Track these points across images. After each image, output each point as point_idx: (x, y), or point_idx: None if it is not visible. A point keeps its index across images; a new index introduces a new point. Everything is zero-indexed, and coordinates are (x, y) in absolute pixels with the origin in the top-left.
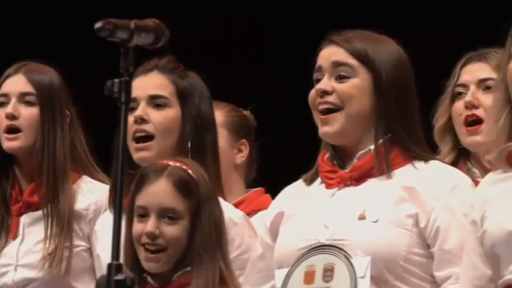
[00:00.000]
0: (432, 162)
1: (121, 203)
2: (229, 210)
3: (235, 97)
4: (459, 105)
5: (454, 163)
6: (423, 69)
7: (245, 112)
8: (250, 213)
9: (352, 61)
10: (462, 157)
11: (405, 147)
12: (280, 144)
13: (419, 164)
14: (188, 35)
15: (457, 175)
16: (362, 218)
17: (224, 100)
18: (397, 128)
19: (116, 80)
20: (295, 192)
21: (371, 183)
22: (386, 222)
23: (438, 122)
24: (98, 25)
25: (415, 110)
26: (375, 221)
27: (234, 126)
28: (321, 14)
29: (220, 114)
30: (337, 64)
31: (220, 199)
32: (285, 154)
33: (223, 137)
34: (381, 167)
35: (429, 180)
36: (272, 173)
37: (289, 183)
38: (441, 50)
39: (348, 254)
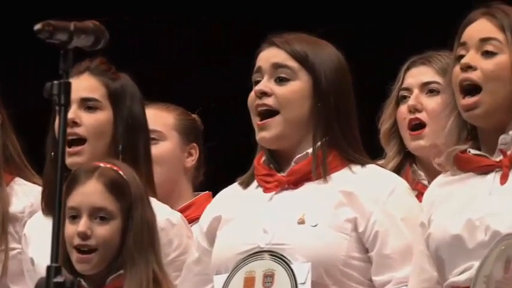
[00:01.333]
0: (369, 166)
1: (60, 205)
2: (166, 212)
3: (233, 97)
4: (403, 109)
5: (400, 166)
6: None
7: (193, 115)
8: (198, 217)
9: (292, 63)
10: (408, 160)
11: (343, 151)
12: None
13: (356, 168)
14: (189, 35)
15: (394, 179)
16: (301, 222)
17: (224, 100)
18: (335, 131)
19: (55, 81)
20: (231, 196)
21: (309, 187)
22: (326, 227)
23: (384, 125)
24: (37, 27)
25: (353, 113)
26: (315, 225)
27: (184, 130)
28: (319, 14)
29: (171, 117)
30: (277, 66)
31: (155, 200)
32: (230, 156)
33: (174, 140)
34: (319, 171)
35: (367, 184)
36: (218, 176)
37: None
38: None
39: (288, 259)
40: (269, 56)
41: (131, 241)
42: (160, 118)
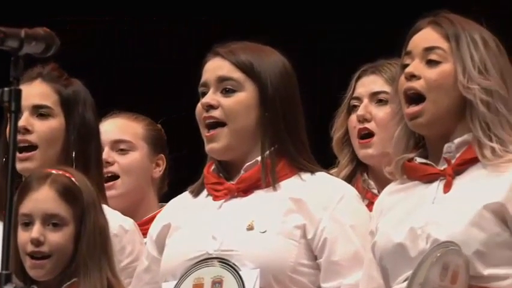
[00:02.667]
0: (318, 173)
1: (11, 212)
2: (119, 218)
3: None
4: (354, 118)
5: (352, 174)
6: None
7: (158, 125)
8: None
9: (237, 74)
10: (360, 168)
11: (292, 159)
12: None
13: (306, 176)
14: (188, 35)
15: (343, 187)
16: (250, 228)
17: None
18: (283, 139)
19: (6, 88)
20: (181, 204)
21: (258, 195)
22: (275, 233)
23: (336, 134)
24: None
25: (301, 120)
26: (263, 232)
27: (153, 140)
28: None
29: (140, 128)
30: (222, 78)
31: (106, 207)
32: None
33: (143, 151)
34: (268, 179)
35: (316, 191)
36: (183, 187)
37: None
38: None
39: (237, 266)
40: (214, 67)
41: (84, 247)
42: (129, 128)
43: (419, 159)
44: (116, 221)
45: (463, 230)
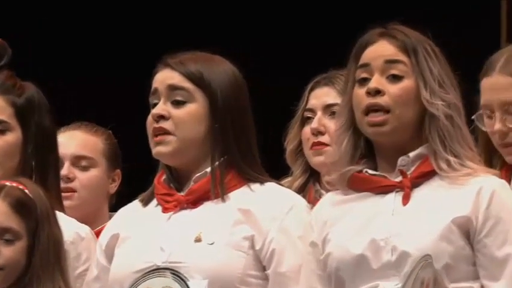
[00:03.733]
0: (268, 184)
1: None
2: (74, 225)
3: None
4: (307, 129)
5: (305, 185)
6: None
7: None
8: None
9: (187, 85)
10: (313, 178)
11: (241, 170)
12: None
13: (255, 186)
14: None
15: (292, 197)
16: (198, 240)
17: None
18: (233, 150)
19: None
20: (131, 214)
21: (207, 206)
22: (222, 245)
23: (289, 145)
24: None
25: (251, 130)
26: (211, 244)
27: (111, 156)
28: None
29: (100, 142)
30: (173, 88)
31: (63, 215)
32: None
33: (102, 168)
34: (217, 190)
35: (265, 202)
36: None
37: None
38: None
39: (185, 276)
40: (164, 78)
41: (38, 261)
42: (91, 143)
43: (370, 171)
44: (72, 228)
45: (432, 243)
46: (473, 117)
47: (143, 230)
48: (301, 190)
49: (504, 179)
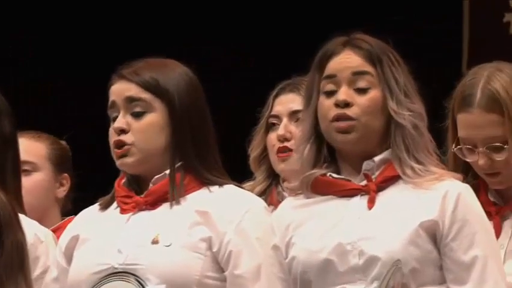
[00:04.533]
0: (226, 186)
1: None
2: (34, 227)
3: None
4: (273, 136)
5: (267, 190)
6: None
7: (62, 142)
8: None
9: (145, 95)
10: (275, 181)
11: (200, 172)
12: None
13: (214, 188)
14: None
15: (250, 199)
16: (155, 242)
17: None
18: (191, 154)
19: None
20: (90, 217)
21: (166, 208)
22: (179, 247)
23: (254, 152)
24: None
25: (210, 132)
26: (168, 245)
27: (57, 160)
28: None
29: (43, 147)
30: (131, 100)
31: (23, 217)
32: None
33: (47, 172)
34: (175, 192)
35: (222, 204)
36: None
37: None
38: None
39: (142, 279)
40: (121, 90)
41: (2, 268)
42: (33, 148)
43: (334, 175)
44: (32, 230)
45: (401, 247)
46: (453, 149)
47: (102, 232)
48: (262, 194)
49: (481, 186)
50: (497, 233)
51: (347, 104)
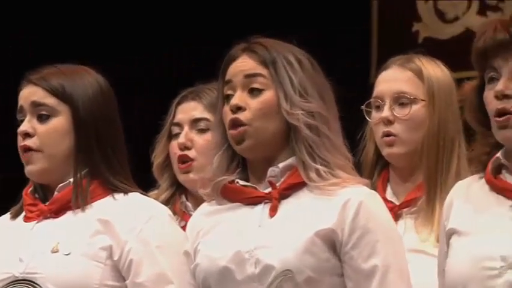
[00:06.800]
0: (131, 194)
1: None
2: None
3: None
4: (174, 144)
5: (172, 197)
6: None
7: None
8: None
9: (50, 100)
10: (179, 190)
11: (105, 180)
12: None
13: (119, 196)
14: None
15: (153, 207)
16: (55, 251)
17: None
18: (97, 161)
19: None
20: (0, 226)
21: (69, 216)
22: (79, 255)
23: (157, 159)
24: None
25: (118, 141)
26: (68, 254)
27: None
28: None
29: None
30: (36, 104)
31: None
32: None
33: None
34: (79, 200)
35: (124, 212)
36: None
37: None
38: None
39: None
40: (28, 94)
41: None
42: None
43: (241, 182)
44: None
45: (295, 256)
46: (362, 106)
47: (8, 240)
48: (167, 203)
49: (380, 187)
50: None
51: (239, 108)
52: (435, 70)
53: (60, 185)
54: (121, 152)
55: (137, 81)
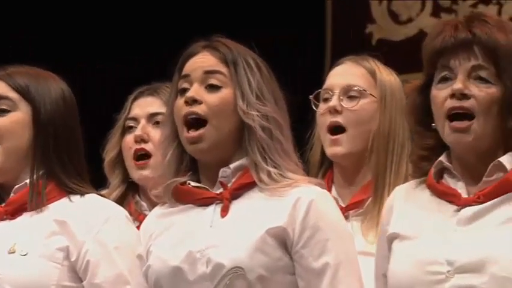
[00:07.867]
0: (88, 196)
1: None
2: None
3: None
4: (129, 138)
5: (124, 196)
6: None
7: None
8: None
9: (12, 94)
10: (131, 190)
11: (61, 182)
12: None
13: (75, 198)
14: None
15: (110, 208)
16: (12, 252)
17: None
18: (53, 163)
19: None
20: None
21: (25, 217)
22: (36, 256)
23: (109, 155)
24: None
25: (76, 145)
26: (25, 255)
27: None
28: None
29: None
30: None
31: None
32: None
33: None
34: (35, 201)
35: (82, 213)
36: None
37: None
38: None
39: None
40: None
41: None
42: None
43: (193, 183)
44: None
45: (247, 254)
46: (311, 96)
47: None
48: (119, 201)
49: (326, 185)
50: None
51: (195, 101)
52: (389, 76)
53: (17, 186)
54: (78, 160)
55: (137, 81)
